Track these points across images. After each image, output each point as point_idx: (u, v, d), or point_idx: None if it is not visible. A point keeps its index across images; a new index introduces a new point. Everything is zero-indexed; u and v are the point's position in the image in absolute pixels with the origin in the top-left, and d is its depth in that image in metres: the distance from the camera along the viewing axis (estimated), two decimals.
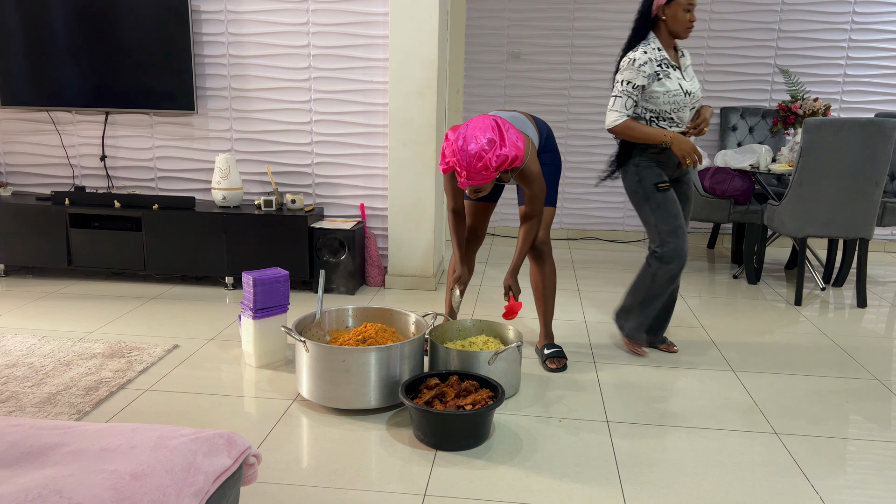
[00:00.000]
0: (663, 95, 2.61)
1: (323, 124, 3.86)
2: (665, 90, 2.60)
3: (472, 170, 2.28)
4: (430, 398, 2.22)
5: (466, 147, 2.26)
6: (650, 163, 2.71)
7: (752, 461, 2.11)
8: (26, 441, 1.31)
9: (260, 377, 2.65)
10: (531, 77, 5.17)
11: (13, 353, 2.78)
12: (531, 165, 2.45)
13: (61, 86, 3.89)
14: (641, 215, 2.78)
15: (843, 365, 2.90)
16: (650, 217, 2.74)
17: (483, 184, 2.34)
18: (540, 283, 2.81)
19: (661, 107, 2.63)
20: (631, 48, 2.66)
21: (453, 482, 1.95)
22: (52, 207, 3.74)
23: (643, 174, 2.72)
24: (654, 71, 2.60)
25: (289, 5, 3.74)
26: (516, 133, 2.34)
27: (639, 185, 2.73)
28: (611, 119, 2.65)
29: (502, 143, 2.27)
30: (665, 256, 2.72)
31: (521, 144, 2.33)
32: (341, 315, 2.70)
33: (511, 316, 2.56)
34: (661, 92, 2.61)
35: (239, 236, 3.68)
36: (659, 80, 2.60)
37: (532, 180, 2.47)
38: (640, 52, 2.60)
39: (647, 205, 2.74)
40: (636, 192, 2.75)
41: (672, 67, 2.64)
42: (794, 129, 4.14)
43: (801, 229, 3.66)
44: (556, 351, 2.81)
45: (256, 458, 1.46)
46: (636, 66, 2.59)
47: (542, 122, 2.69)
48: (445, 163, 2.36)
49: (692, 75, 2.73)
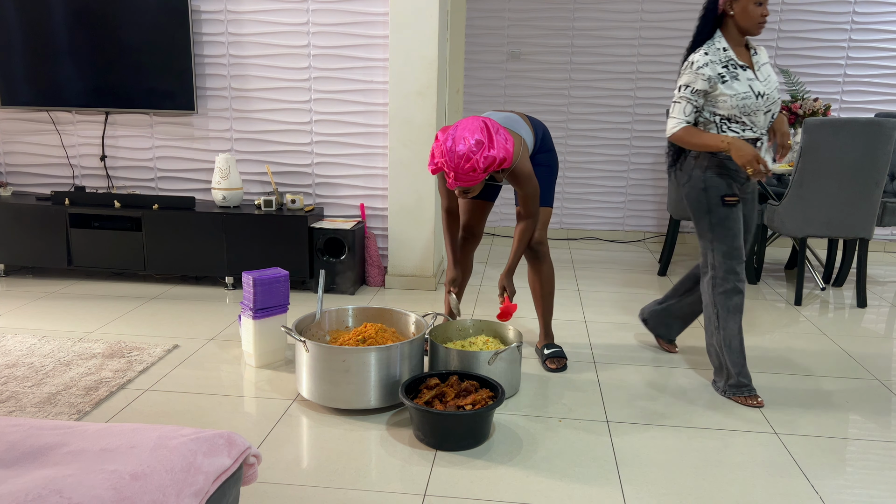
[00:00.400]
0: (731, 99, 2.36)
1: (323, 124, 3.86)
2: (733, 93, 2.36)
3: (459, 171, 2.28)
4: (430, 398, 2.22)
5: (455, 148, 2.26)
6: (720, 171, 2.45)
7: (752, 461, 2.11)
8: (26, 441, 1.31)
9: (260, 377, 2.65)
10: (531, 77, 5.17)
11: (13, 353, 2.78)
12: (522, 166, 2.44)
13: (61, 86, 3.89)
14: (698, 228, 2.54)
15: (843, 365, 2.90)
16: (707, 232, 2.50)
17: (471, 185, 2.33)
18: (538, 283, 2.81)
19: (729, 111, 2.39)
20: (695, 48, 2.44)
21: (453, 482, 1.95)
22: (52, 207, 3.74)
23: (710, 182, 2.46)
24: (718, 73, 2.36)
25: (289, 5, 3.74)
26: (505, 134, 2.34)
27: (703, 194, 2.48)
28: (670, 126, 2.45)
29: (490, 145, 2.27)
30: (717, 280, 2.49)
31: (511, 146, 2.33)
32: (341, 315, 2.70)
33: (506, 317, 2.56)
34: (729, 95, 2.36)
35: (239, 236, 3.68)
36: (725, 82, 2.37)
37: (524, 181, 2.47)
38: (701, 54, 2.37)
39: (707, 217, 2.49)
40: (699, 200, 2.50)
41: (741, 68, 2.39)
42: (794, 128, 4.14)
43: (801, 229, 3.66)
44: (556, 351, 2.81)
45: (256, 458, 1.46)
46: (695, 70, 2.37)
47: (538, 123, 2.69)
48: (434, 163, 2.36)
49: (768, 74, 2.44)
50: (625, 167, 5.22)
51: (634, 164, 5.20)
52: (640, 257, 4.82)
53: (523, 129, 2.57)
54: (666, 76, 5.04)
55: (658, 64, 5.03)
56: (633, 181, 5.23)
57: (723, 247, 2.48)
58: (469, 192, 2.40)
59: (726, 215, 2.47)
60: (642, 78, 5.07)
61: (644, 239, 5.32)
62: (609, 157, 5.22)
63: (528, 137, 2.58)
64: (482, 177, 2.31)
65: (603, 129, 5.19)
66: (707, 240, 2.52)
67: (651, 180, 5.21)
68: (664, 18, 4.97)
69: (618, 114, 5.15)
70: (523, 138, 2.53)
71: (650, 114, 5.11)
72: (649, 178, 5.21)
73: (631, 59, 5.05)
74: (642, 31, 5.00)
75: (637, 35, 5.01)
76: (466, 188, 2.37)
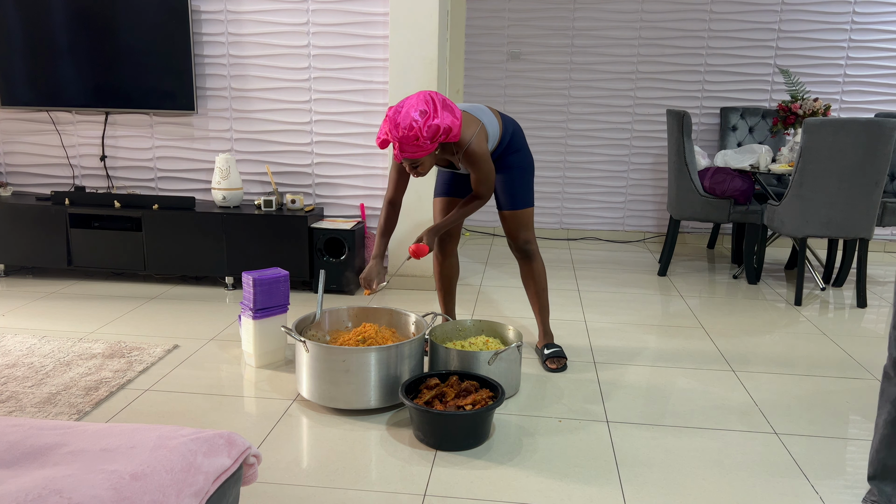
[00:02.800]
0: None
1: (323, 124, 3.86)
2: None
3: (404, 141, 2.28)
4: (430, 398, 2.22)
5: (397, 118, 2.28)
6: None
7: (752, 461, 2.11)
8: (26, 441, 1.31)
9: (260, 377, 2.65)
10: (531, 77, 5.17)
11: (13, 353, 2.78)
12: (477, 147, 2.42)
13: (61, 86, 3.89)
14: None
15: (843, 365, 2.90)
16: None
17: (417, 156, 2.33)
18: (531, 282, 2.81)
19: None
20: None
21: (453, 482, 1.95)
22: (52, 207, 3.74)
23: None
24: None
25: (289, 5, 3.74)
26: (453, 108, 2.34)
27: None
28: None
29: (434, 115, 2.28)
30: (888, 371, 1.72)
31: (458, 119, 2.33)
32: (341, 315, 2.70)
33: (417, 255, 2.47)
34: None
35: (239, 236, 3.68)
36: None
37: (478, 162, 2.44)
38: None
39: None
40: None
41: None
42: (794, 129, 4.14)
43: (801, 229, 3.66)
44: (556, 351, 2.81)
45: (256, 458, 1.46)
46: None
47: (510, 120, 2.67)
48: (381, 137, 2.37)
49: None
50: (625, 167, 5.22)
51: (634, 164, 5.20)
52: (640, 257, 4.82)
53: (487, 118, 2.56)
54: (666, 76, 5.04)
55: (658, 64, 5.03)
56: (633, 181, 5.23)
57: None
58: (418, 167, 2.38)
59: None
60: (642, 78, 5.07)
61: (644, 239, 5.32)
62: (609, 157, 5.22)
63: (492, 128, 2.55)
64: (429, 147, 2.31)
65: (603, 129, 5.18)
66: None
67: (651, 180, 5.21)
68: (664, 18, 4.97)
69: (618, 114, 5.14)
70: (485, 125, 2.51)
71: (650, 114, 5.11)
72: (649, 178, 5.21)
73: (631, 59, 5.05)
74: (642, 31, 5.00)
75: (637, 35, 5.01)
76: (415, 161, 2.36)
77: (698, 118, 5.08)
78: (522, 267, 2.81)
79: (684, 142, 4.06)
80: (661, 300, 3.77)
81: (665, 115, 5.11)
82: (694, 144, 4.59)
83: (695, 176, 4.15)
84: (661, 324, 3.37)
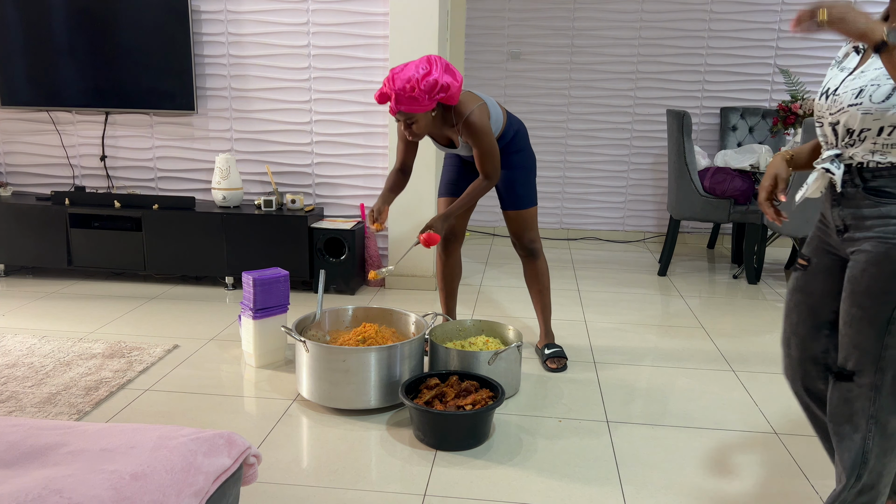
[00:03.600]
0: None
1: (323, 124, 3.86)
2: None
3: (400, 93, 2.30)
4: (430, 398, 2.22)
5: (397, 74, 2.31)
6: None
7: (752, 461, 2.11)
8: (26, 441, 1.31)
9: (260, 377, 2.65)
10: (531, 77, 5.17)
11: (13, 353, 2.78)
12: (478, 119, 2.42)
13: (61, 86, 3.89)
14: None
15: None
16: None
17: (412, 111, 2.34)
18: (535, 281, 2.81)
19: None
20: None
21: (453, 482, 1.95)
22: (52, 207, 3.74)
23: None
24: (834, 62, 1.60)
25: (289, 5, 3.74)
26: (455, 73, 2.37)
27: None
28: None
29: (433, 71, 2.31)
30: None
31: (458, 81, 2.36)
32: (341, 315, 2.70)
33: (428, 244, 2.46)
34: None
35: (239, 236, 3.68)
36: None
37: (477, 133, 2.44)
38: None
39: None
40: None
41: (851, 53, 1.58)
42: (794, 129, 4.14)
43: (800, 229, 3.66)
44: (557, 351, 2.81)
45: (256, 458, 1.46)
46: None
47: (516, 119, 2.68)
48: (380, 91, 2.38)
49: (872, 77, 1.45)
50: (625, 167, 5.22)
51: (634, 164, 5.20)
52: (640, 257, 4.82)
53: (492, 103, 2.58)
54: (666, 76, 5.04)
55: (658, 64, 5.03)
56: (633, 181, 5.23)
57: (783, 332, 1.73)
58: (412, 124, 2.38)
59: (791, 285, 1.69)
60: (642, 78, 5.07)
61: (644, 239, 5.32)
62: (609, 157, 5.22)
63: (495, 112, 2.57)
64: (425, 104, 2.33)
65: (603, 129, 5.18)
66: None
67: (651, 180, 5.21)
68: (664, 18, 4.97)
69: (618, 114, 5.14)
70: (490, 109, 2.53)
71: (650, 114, 5.11)
72: (649, 178, 5.21)
73: (631, 59, 5.05)
74: (642, 31, 5.00)
75: (637, 35, 5.01)
76: (410, 117, 2.36)
77: (698, 118, 5.08)
78: (526, 266, 2.82)
79: (684, 142, 4.06)
80: (661, 300, 3.78)
81: (665, 115, 5.11)
82: (694, 144, 4.59)
83: (695, 176, 4.15)
84: (661, 324, 3.37)
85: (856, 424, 1.46)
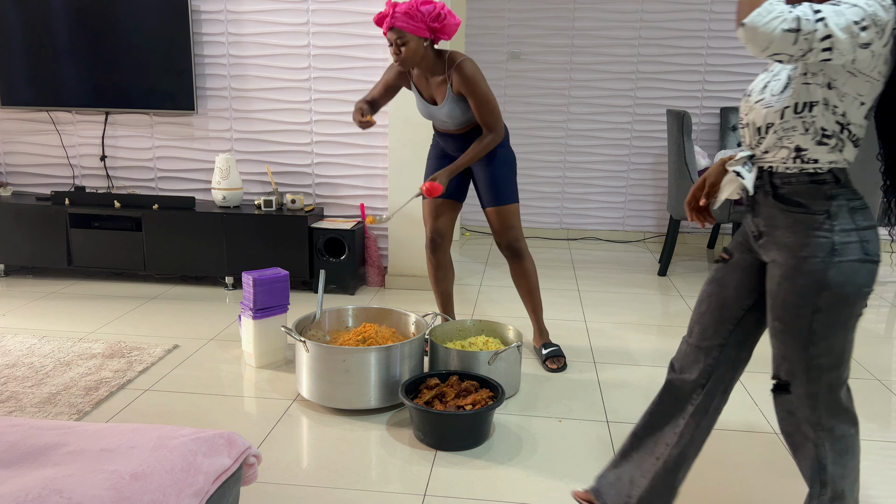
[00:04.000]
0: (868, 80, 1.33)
1: (323, 124, 3.86)
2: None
3: (398, 9, 2.37)
4: (430, 398, 2.22)
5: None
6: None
7: (752, 461, 2.11)
8: (26, 441, 1.31)
9: (260, 377, 2.65)
10: (531, 77, 5.17)
11: (13, 353, 2.78)
12: (471, 66, 2.47)
13: (61, 86, 3.89)
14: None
15: None
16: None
17: (407, 30, 2.38)
18: (523, 280, 2.80)
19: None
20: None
21: (453, 482, 1.95)
22: (52, 207, 3.74)
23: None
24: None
25: (289, 5, 3.74)
26: (455, 16, 2.46)
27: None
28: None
29: (435, 4, 2.41)
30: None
31: (457, 21, 2.46)
32: (341, 315, 2.70)
33: (431, 194, 2.47)
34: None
35: (239, 236, 3.68)
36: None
37: (471, 79, 2.46)
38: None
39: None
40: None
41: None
42: None
43: None
44: (555, 350, 2.81)
45: (256, 458, 1.46)
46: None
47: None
48: (379, 14, 2.44)
49: (776, 70, 1.43)
50: (625, 167, 5.22)
51: (634, 164, 5.20)
52: (640, 257, 4.82)
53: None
54: (666, 76, 5.04)
55: (658, 64, 5.03)
56: (633, 181, 5.23)
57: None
58: (403, 46, 2.41)
59: (707, 279, 1.65)
60: (642, 78, 5.07)
61: (644, 239, 5.32)
62: (609, 157, 5.22)
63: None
64: (421, 28, 2.39)
65: (603, 129, 5.18)
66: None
67: (651, 180, 5.21)
68: (664, 18, 4.97)
69: (618, 114, 5.14)
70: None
71: (650, 114, 5.11)
72: (649, 178, 5.21)
73: (631, 59, 5.05)
74: (642, 31, 5.00)
75: (637, 35, 5.01)
76: (402, 36, 2.39)
77: (698, 118, 5.08)
78: (513, 266, 2.80)
79: (684, 142, 4.07)
80: (661, 300, 3.77)
81: (665, 115, 5.11)
82: (694, 144, 4.59)
83: (695, 176, 4.15)
84: (661, 324, 3.37)
85: (804, 434, 1.47)
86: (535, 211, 5.37)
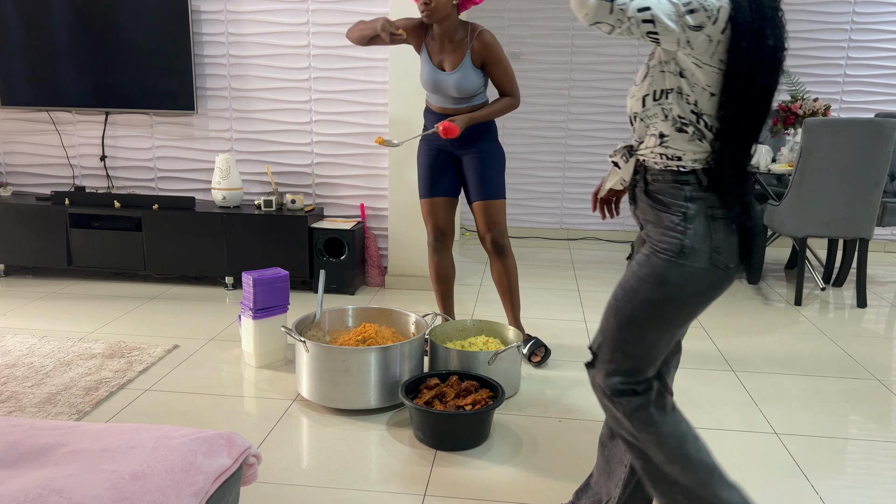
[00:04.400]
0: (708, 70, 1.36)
1: (323, 124, 3.86)
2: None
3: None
4: (430, 398, 2.22)
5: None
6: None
7: (752, 461, 2.11)
8: (26, 441, 1.31)
9: (260, 377, 2.65)
10: (531, 77, 5.17)
11: (13, 353, 2.78)
12: (493, 37, 2.57)
13: (61, 86, 3.89)
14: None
15: (843, 365, 2.90)
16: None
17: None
18: (504, 277, 2.81)
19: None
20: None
21: (453, 482, 1.95)
22: (52, 207, 3.74)
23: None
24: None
25: (289, 5, 3.74)
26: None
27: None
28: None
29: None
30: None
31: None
32: (341, 315, 2.70)
33: (448, 134, 2.49)
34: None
35: (239, 236, 3.68)
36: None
37: (494, 47, 2.56)
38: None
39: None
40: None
41: None
42: (794, 129, 4.13)
43: (801, 229, 3.66)
44: (534, 342, 2.81)
45: (256, 458, 1.46)
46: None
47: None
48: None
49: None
50: None
51: None
52: None
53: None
54: None
55: None
56: None
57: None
58: (431, 2, 2.46)
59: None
60: None
61: None
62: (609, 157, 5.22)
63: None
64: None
65: (603, 129, 5.18)
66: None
67: None
68: None
69: (618, 114, 5.14)
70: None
71: None
72: None
73: (631, 59, 5.05)
74: None
75: None
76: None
77: None
78: (495, 264, 2.80)
79: None
80: None
81: None
82: None
83: None
84: None
85: (603, 404, 1.50)
86: (535, 211, 5.37)
